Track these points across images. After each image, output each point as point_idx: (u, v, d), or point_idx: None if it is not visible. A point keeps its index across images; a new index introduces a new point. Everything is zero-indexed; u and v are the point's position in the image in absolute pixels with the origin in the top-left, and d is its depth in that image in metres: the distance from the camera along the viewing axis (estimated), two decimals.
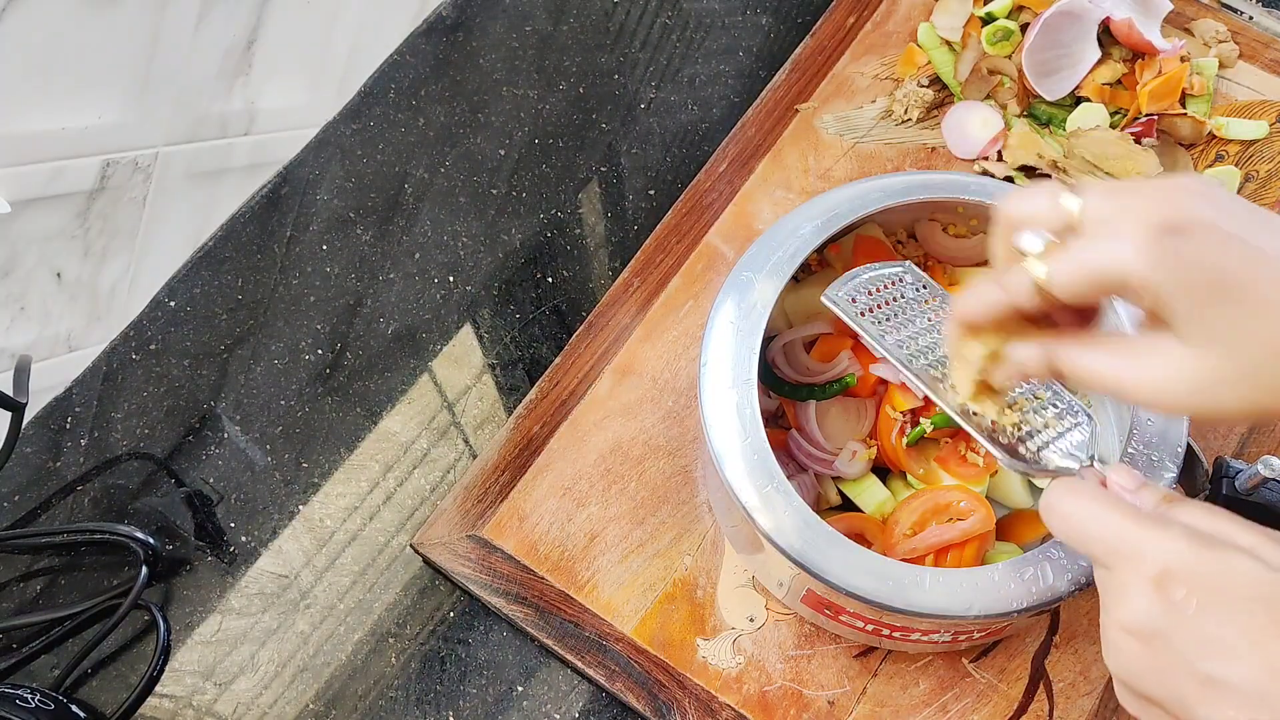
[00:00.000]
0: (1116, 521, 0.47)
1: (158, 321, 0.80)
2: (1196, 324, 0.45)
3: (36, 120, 0.96)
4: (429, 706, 0.70)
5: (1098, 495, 0.49)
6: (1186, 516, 0.47)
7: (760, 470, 0.61)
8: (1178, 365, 0.46)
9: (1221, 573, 0.44)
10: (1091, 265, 0.47)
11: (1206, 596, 0.44)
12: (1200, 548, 0.45)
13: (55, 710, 0.65)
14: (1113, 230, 0.46)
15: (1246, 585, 0.43)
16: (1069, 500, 0.49)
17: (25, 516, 0.74)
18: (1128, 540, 0.46)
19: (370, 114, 0.87)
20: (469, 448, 0.77)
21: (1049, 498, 0.50)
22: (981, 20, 0.86)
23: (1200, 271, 0.45)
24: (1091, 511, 0.48)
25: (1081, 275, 0.47)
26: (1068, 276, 0.48)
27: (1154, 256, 0.45)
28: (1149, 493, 0.50)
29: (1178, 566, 0.44)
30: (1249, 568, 0.44)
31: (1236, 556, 0.44)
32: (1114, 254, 0.46)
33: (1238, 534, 0.45)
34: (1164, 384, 0.47)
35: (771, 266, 0.66)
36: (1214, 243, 0.45)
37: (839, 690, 0.68)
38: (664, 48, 0.90)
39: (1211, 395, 0.46)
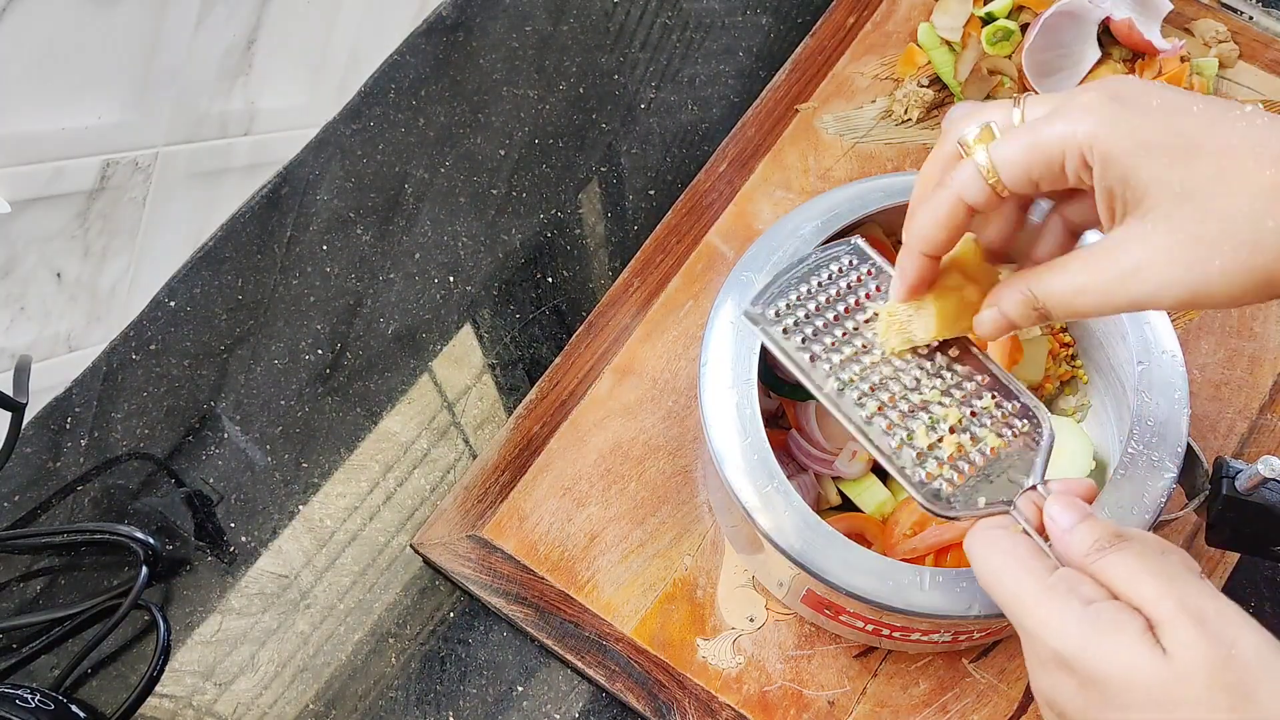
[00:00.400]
0: (1020, 590, 0.44)
1: (158, 321, 0.80)
2: (1164, 185, 0.42)
3: (36, 120, 0.96)
4: (429, 706, 0.70)
5: (1009, 553, 0.45)
6: (1111, 570, 0.43)
7: (760, 470, 0.61)
8: (1162, 238, 0.42)
9: (1113, 664, 0.41)
10: (1042, 136, 0.44)
11: (1099, 689, 0.41)
12: (1094, 634, 0.41)
13: (55, 710, 0.65)
14: (1061, 111, 0.44)
15: (1138, 681, 0.40)
16: (982, 552, 0.46)
17: (25, 516, 0.74)
18: (1029, 615, 0.44)
19: (370, 114, 0.87)
20: (469, 448, 0.77)
21: (970, 541, 0.48)
22: (981, 20, 0.86)
23: (1157, 129, 0.42)
24: (1000, 573, 0.45)
25: (1030, 146, 0.44)
26: (1016, 151, 0.44)
27: (1109, 120, 0.42)
28: (1083, 531, 0.45)
29: (1071, 654, 0.42)
30: (1143, 661, 0.40)
31: (1134, 646, 0.40)
32: (1066, 125, 0.43)
33: (1155, 603, 0.41)
34: (1155, 269, 0.42)
35: (771, 266, 0.66)
36: (1165, 104, 0.43)
37: (839, 690, 0.68)
38: (664, 48, 0.90)
39: (1205, 265, 0.42)
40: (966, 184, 0.46)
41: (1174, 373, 0.64)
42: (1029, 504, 0.49)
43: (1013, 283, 0.48)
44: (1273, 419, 0.75)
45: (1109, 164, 0.43)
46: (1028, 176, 0.45)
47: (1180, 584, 0.42)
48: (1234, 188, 0.41)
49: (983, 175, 0.45)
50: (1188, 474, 0.63)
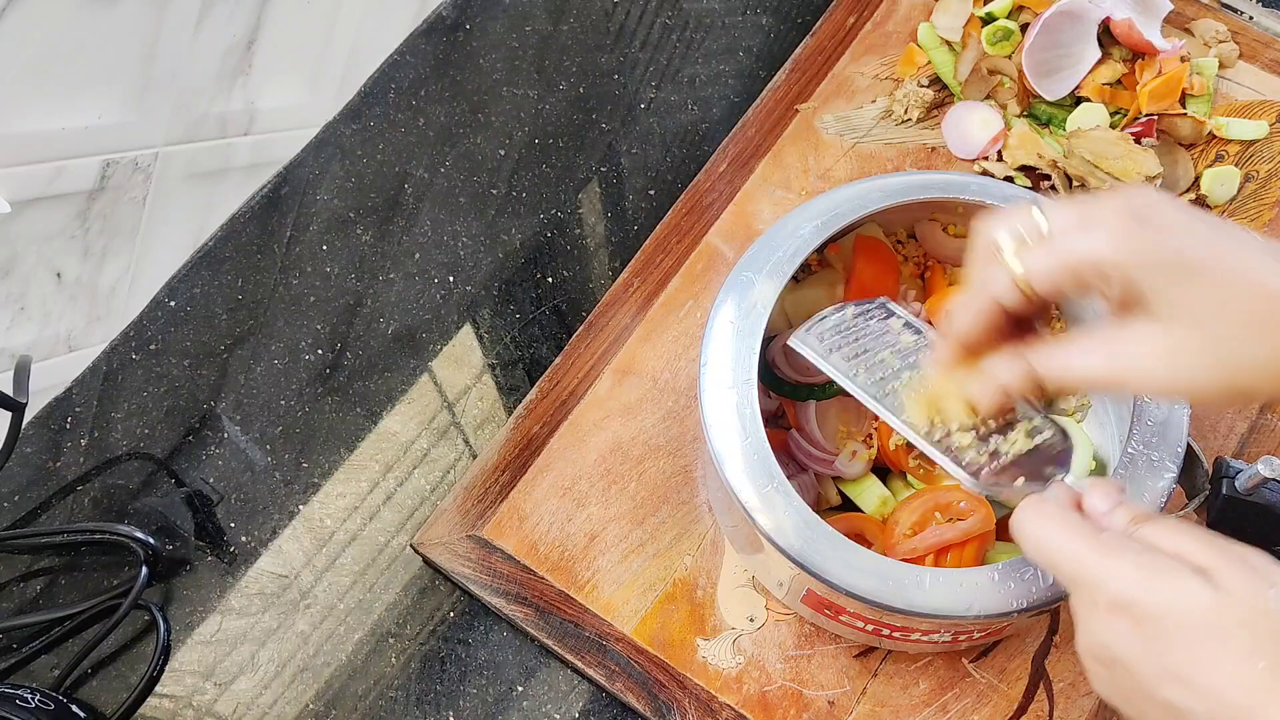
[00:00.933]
0: (1075, 548, 0.48)
1: (158, 321, 0.80)
2: (1166, 299, 0.47)
3: (36, 120, 0.96)
4: (429, 706, 0.70)
5: (1060, 519, 0.49)
6: (1153, 536, 0.47)
7: (760, 470, 0.61)
8: (1152, 342, 0.48)
9: (1171, 601, 0.44)
10: (1066, 253, 0.49)
11: (1156, 626, 0.44)
12: (1149, 575, 0.45)
13: (55, 710, 0.65)
14: (1084, 225, 0.49)
15: (1195, 613, 0.44)
16: (1034, 523, 0.50)
17: (25, 516, 0.74)
18: (1085, 568, 0.47)
19: (370, 114, 0.87)
20: (469, 448, 0.77)
21: (1017, 517, 0.51)
22: (981, 20, 0.86)
23: (1167, 251, 0.47)
24: (1053, 537, 0.49)
25: (1056, 263, 0.49)
26: (1044, 264, 0.50)
27: (1124, 239, 0.47)
28: (1122, 512, 0.50)
29: (1130, 596, 0.45)
30: (1198, 595, 0.44)
31: (1188, 583, 0.44)
32: (1087, 241, 0.48)
33: (1199, 554, 0.45)
34: (1140, 363, 0.48)
35: (771, 266, 0.66)
36: (1178, 227, 0.48)
37: (839, 690, 0.68)
38: (664, 48, 0.90)
39: (1186, 371, 0.47)
40: (1002, 291, 0.51)
41: None
42: (1063, 490, 0.53)
43: (1014, 357, 0.53)
44: (1273, 419, 0.75)
45: (1120, 280, 0.48)
46: (1054, 285, 0.50)
47: (1219, 539, 0.46)
48: (1223, 313, 0.46)
49: (1016, 283, 0.51)
50: (1188, 474, 0.63)
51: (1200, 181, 0.82)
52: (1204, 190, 0.82)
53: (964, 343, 0.54)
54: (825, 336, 0.61)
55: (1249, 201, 0.82)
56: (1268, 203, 0.82)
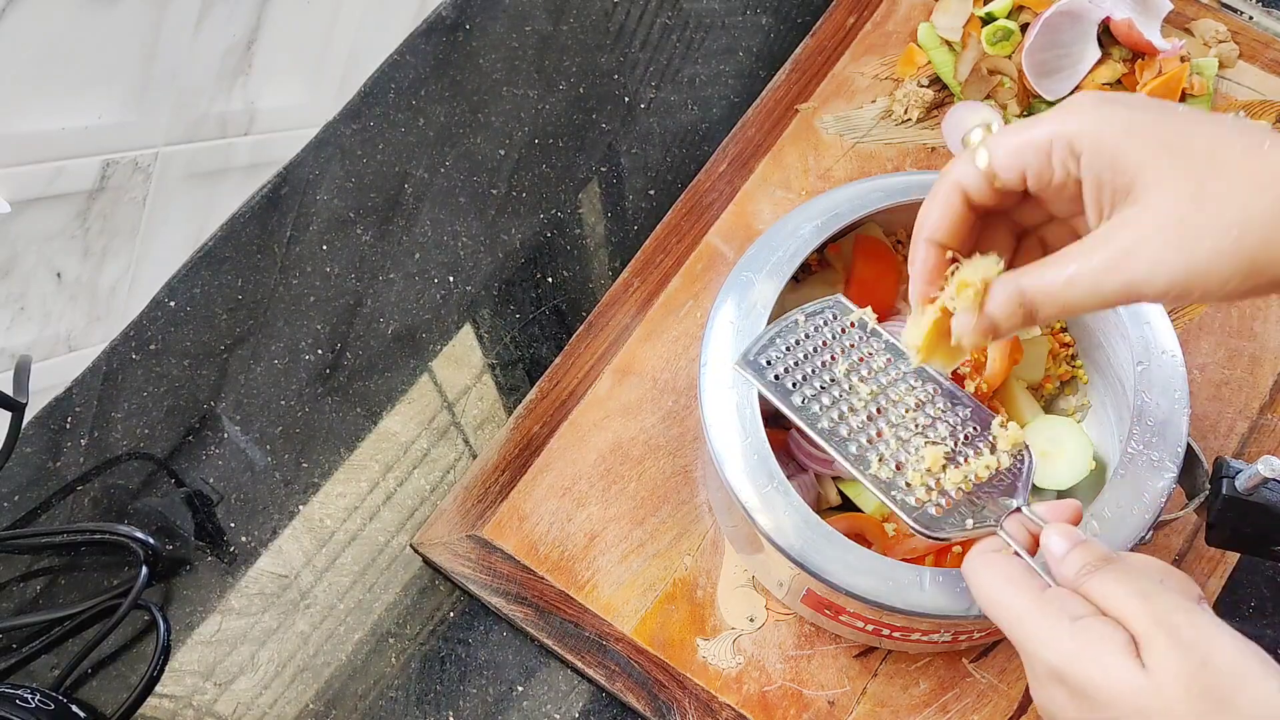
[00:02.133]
0: (1018, 608, 0.47)
1: (158, 321, 0.80)
2: (1152, 167, 0.43)
3: (36, 120, 0.96)
4: (429, 706, 0.70)
5: (1005, 574, 0.48)
6: (1098, 590, 0.46)
7: (760, 470, 0.61)
8: (1147, 225, 0.43)
9: (1100, 680, 0.43)
10: (1033, 133, 0.46)
11: (1089, 702, 0.44)
12: (1083, 648, 0.44)
13: (55, 710, 0.65)
14: (1055, 111, 0.47)
15: (1121, 694, 0.43)
16: (981, 575, 0.49)
17: (25, 516, 0.74)
18: (1025, 631, 0.47)
19: (370, 114, 0.87)
20: (469, 448, 0.77)
21: (968, 567, 0.50)
22: (981, 20, 0.86)
23: (1146, 122, 0.44)
24: (998, 593, 0.48)
25: (1022, 142, 0.47)
26: (1006, 144, 0.47)
27: (1096, 112, 0.45)
28: (1076, 556, 0.48)
29: (1064, 669, 0.44)
30: (1126, 676, 0.43)
31: (1118, 661, 0.43)
32: (1058, 121, 0.46)
33: (1137, 619, 0.44)
34: (1147, 251, 0.43)
35: (771, 266, 0.66)
36: (1152, 105, 0.45)
37: (839, 690, 0.68)
38: (664, 48, 0.90)
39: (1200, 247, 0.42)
40: (964, 172, 0.49)
41: (1174, 373, 0.64)
42: (1016, 525, 0.53)
43: (999, 281, 0.48)
44: (1273, 419, 0.75)
45: (1098, 150, 0.45)
46: (1019, 165, 0.47)
47: (1156, 601, 0.44)
48: (1224, 173, 0.42)
49: (977, 164, 0.48)
50: (1188, 474, 0.63)
51: None
52: None
53: (934, 235, 0.50)
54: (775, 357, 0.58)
55: None
56: None
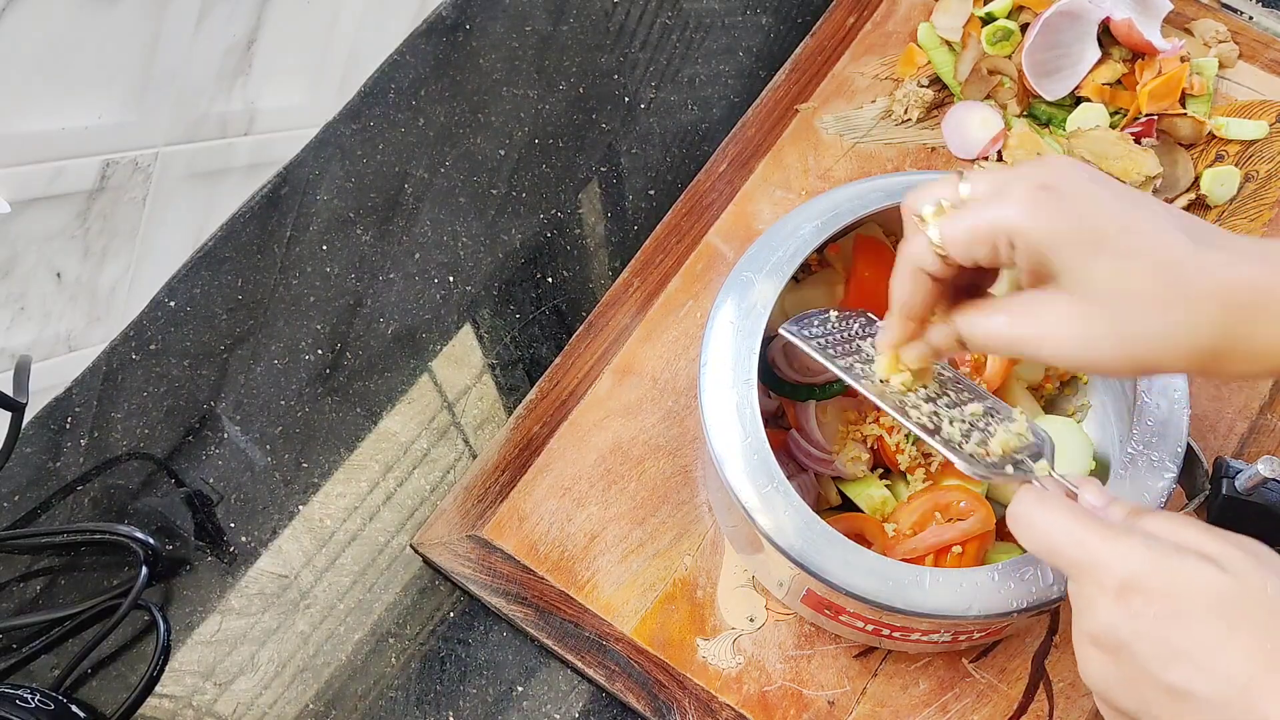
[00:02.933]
0: (1080, 533, 0.48)
1: (158, 321, 0.80)
2: (1074, 273, 0.48)
3: (36, 120, 0.96)
4: (429, 706, 0.70)
5: (1064, 507, 0.50)
6: (1153, 526, 0.47)
7: (760, 470, 0.61)
8: (1062, 313, 0.49)
9: (1180, 581, 0.44)
10: (978, 220, 0.50)
11: (1166, 606, 0.44)
12: (1160, 556, 0.45)
13: (55, 710, 0.65)
14: (997, 194, 0.50)
15: (1204, 593, 0.44)
16: (1036, 511, 0.50)
17: (25, 516, 0.74)
18: (1091, 552, 0.47)
19: (370, 114, 0.87)
20: (469, 448, 0.77)
21: (1016, 508, 0.51)
22: (981, 20, 0.86)
23: (1074, 221, 0.48)
24: (1057, 523, 0.49)
25: (969, 230, 0.50)
26: (957, 231, 0.50)
27: (1031, 208, 0.48)
28: (1117, 507, 0.50)
29: (1138, 576, 0.45)
30: (1208, 575, 0.44)
31: (1196, 564, 0.44)
32: (997, 210, 0.49)
33: (1203, 542, 0.46)
34: (1051, 332, 0.49)
35: (771, 266, 0.66)
36: (1085, 197, 0.48)
37: (839, 690, 0.68)
38: (664, 48, 0.90)
39: (1093, 344, 0.48)
40: (921, 255, 0.53)
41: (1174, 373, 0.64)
42: (1054, 484, 0.54)
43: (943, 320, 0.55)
44: (1273, 419, 0.75)
45: (1029, 249, 0.49)
46: (968, 252, 0.51)
47: (1218, 531, 0.46)
48: (1125, 285, 0.47)
49: (933, 248, 0.52)
50: (1188, 474, 0.63)
51: (1200, 181, 0.82)
52: (1204, 190, 0.82)
53: (908, 315, 0.55)
54: (815, 333, 0.61)
55: (1249, 202, 0.82)
56: (1267, 203, 0.82)
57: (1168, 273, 0.46)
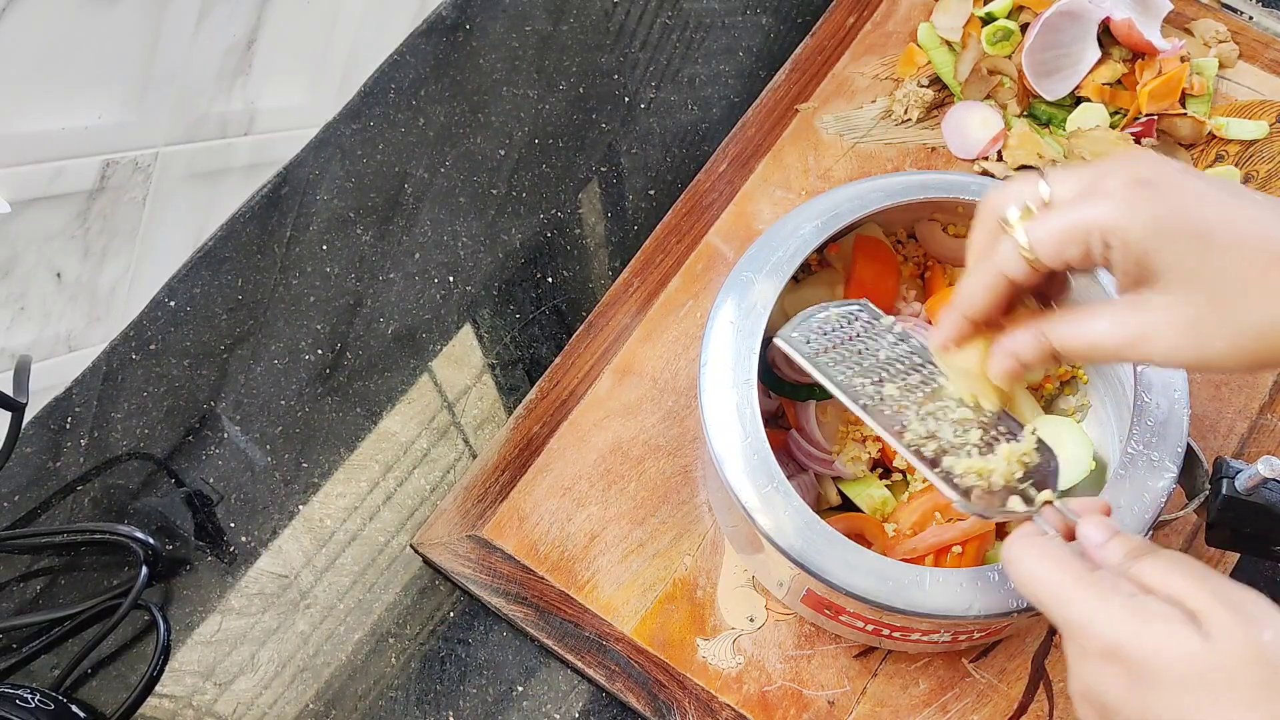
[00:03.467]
0: (1067, 589, 0.47)
1: (158, 321, 0.80)
2: (1179, 270, 0.46)
3: (36, 120, 0.96)
4: (429, 706, 0.70)
5: (1054, 557, 0.48)
6: (1147, 573, 0.46)
7: (760, 470, 0.61)
8: (1172, 316, 0.47)
9: (1161, 649, 0.43)
10: (1071, 221, 0.48)
11: (1146, 674, 0.44)
12: (1143, 622, 0.44)
13: (55, 710, 0.65)
14: (1090, 193, 0.48)
15: (1186, 663, 0.43)
16: (1027, 559, 0.49)
17: (25, 516, 0.74)
18: (1076, 611, 0.46)
19: (370, 114, 0.87)
20: (469, 448, 0.77)
21: (1009, 552, 0.51)
22: (981, 20, 0.86)
23: (1174, 217, 0.46)
24: (1046, 575, 0.48)
25: (1061, 231, 0.48)
26: (1049, 234, 0.49)
27: (1129, 206, 0.46)
28: (1116, 545, 0.49)
29: (1119, 643, 0.44)
30: (1189, 643, 0.43)
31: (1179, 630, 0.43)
32: (1091, 209, 0.47)
33: (1192, 596, 0.44)
34: (1163, 335, 0.47)
35: (771, 266, 0.66)
36: (1183, 190, 0.46)
37: (839, 690, 0.68)
38: (664, 48, 0.90)
39: (1210, 342, 0.46)
40: (1008, 260, 0.50)
41: (1174, 373, 0.64)
42: (1051, 515, 0.53)
43: (1029, 328, 0.52)
44: (1273, 419, 0.75)
45: (1128, 248, 0.47)
46: (1060, 255, 0.49)
47: (1212, 579, 0.45)
48: (1236, 280, 0.45)
49: (1021, 253, 0.50)
50: (1188, 474, 0.63)
51: None
52: None
53: (971, 318, 0.53)
54: (812, 337, 0.59)
55: None
56: None
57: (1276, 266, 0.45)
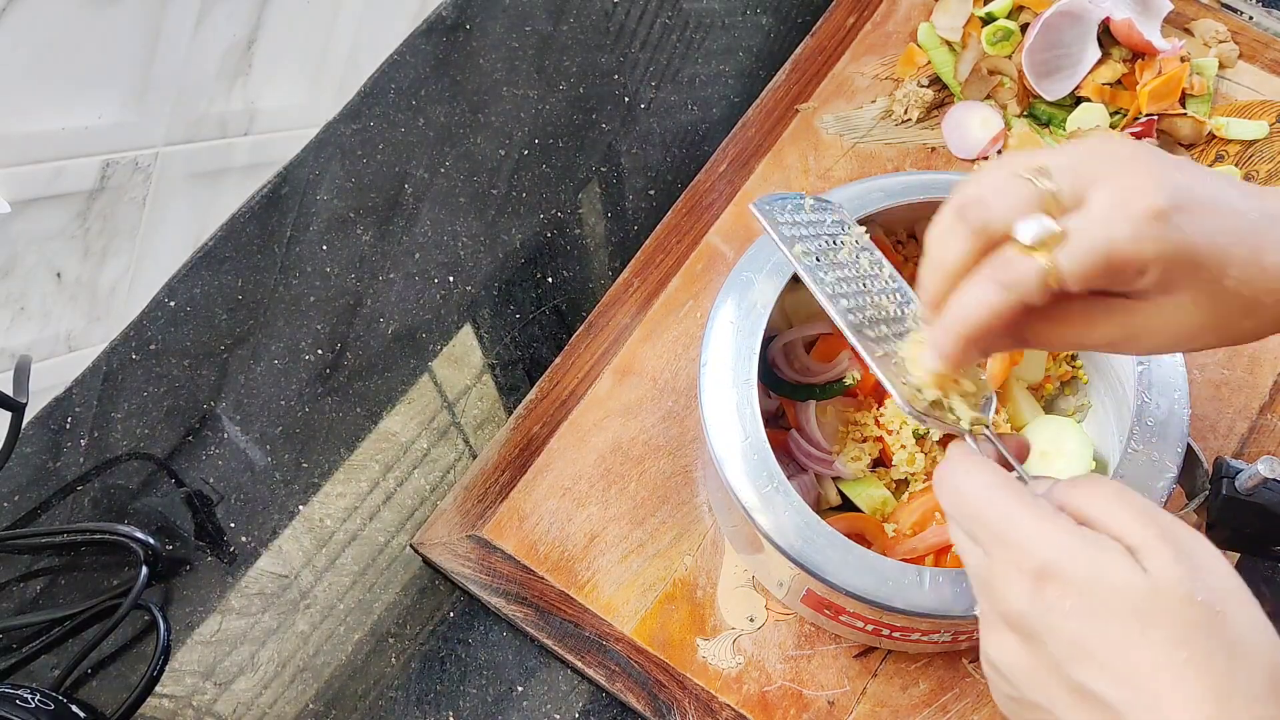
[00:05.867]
0: (1005, 505, 0.45)
1: (158, 321, 0.80)
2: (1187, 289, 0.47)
3: (36, 120, 0.96)
4: (429, 706, 0.70)
5: (993, 473, 0.47)
6: (1090, 503, 0.45)
7: (760, 470, 0.61)
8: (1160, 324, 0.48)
9: (1098, 577, 0.42)
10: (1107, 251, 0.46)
11: (1081, 600, 0.42)
12: (1082, 545, 0.43)
13: (55, 710, 0.65)
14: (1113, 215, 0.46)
15: (1121, 592, 0.41)
16: (962, 473, 0.47)
17: (25, 516, 0.74)
18: (1016, 527, 0.44)
19: (370, 114, 0.87)
20: (469, 448, 0.77)
21: (942, 469, 0.48)
22: (981, 20, 0.86)
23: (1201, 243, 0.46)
24: (983, 489, 0.46)
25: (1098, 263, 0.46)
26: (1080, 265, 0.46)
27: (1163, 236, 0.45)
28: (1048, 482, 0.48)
29: (1057, 563, 0.42)
30: (1126, 573, 0.42)
31: (1117, 560, 0.42)
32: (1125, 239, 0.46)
33: (1134, 530, 0.43)
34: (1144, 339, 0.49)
35: (771, 266, 0.66)
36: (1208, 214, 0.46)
37: (839, 690, 0.68)
38: (664, 48, 0.90)
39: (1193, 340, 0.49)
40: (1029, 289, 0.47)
41: (1174, 373, 0.64)
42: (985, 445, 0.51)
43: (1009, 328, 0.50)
44: (1273, 419, 0.75)
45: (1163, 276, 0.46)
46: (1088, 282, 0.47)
47: (1157, 515, 0.44)
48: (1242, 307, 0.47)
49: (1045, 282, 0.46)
50: (1188, 474, 0.63)
51: None
52: None
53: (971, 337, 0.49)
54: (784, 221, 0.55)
55: None
56: None
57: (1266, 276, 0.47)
